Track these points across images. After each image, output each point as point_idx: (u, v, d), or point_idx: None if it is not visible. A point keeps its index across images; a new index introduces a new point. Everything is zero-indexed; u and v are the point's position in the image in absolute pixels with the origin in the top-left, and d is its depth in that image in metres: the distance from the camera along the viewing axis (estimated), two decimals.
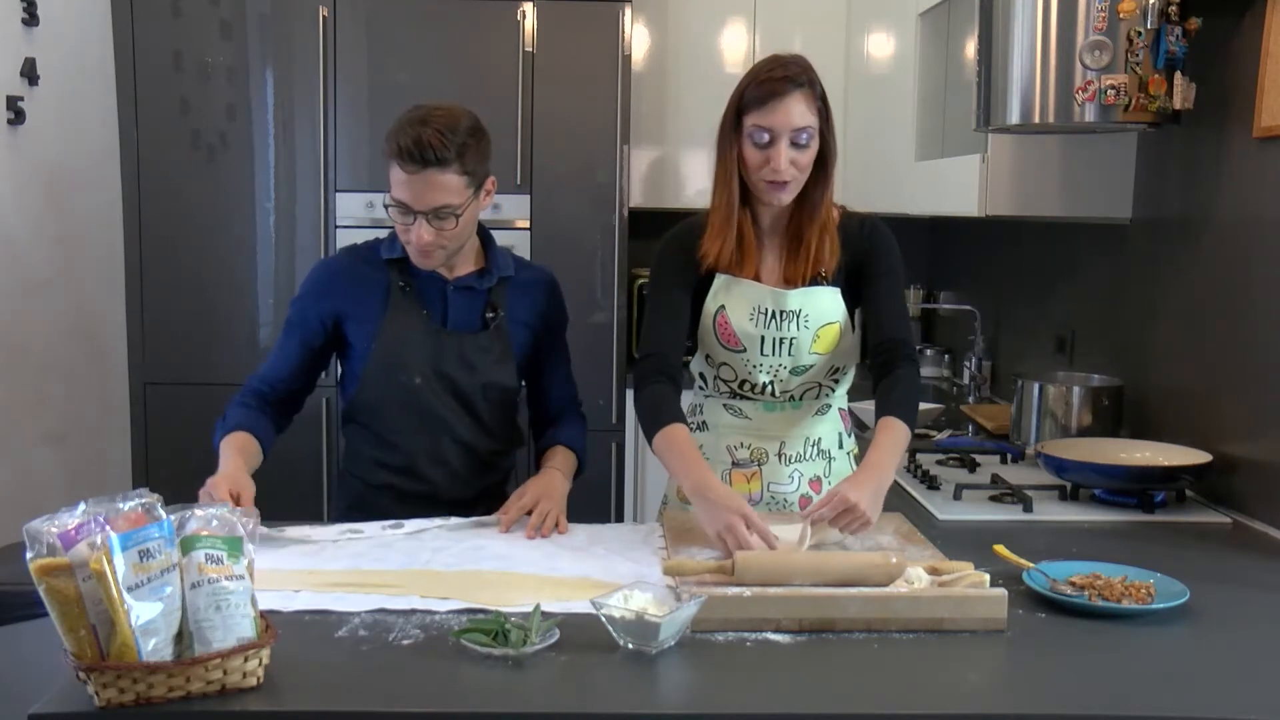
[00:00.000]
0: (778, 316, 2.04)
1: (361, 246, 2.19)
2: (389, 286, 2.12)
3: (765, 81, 1.93)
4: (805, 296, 2.04)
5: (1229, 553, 2.02)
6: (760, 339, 2.05)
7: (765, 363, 2.06)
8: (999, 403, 3.40)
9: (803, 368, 2.06)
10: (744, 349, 2.06)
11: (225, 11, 3.62)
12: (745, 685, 1.42)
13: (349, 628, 1.55)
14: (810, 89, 1.94)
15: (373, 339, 2.10)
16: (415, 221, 1.99)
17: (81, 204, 3.61)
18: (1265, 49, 2.16)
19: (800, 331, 2.04)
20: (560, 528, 2.02)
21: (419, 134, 1.94)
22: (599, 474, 3.72)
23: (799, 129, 1.93)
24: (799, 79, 1.94)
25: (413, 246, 2.03)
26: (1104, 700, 1.39)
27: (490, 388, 2.15)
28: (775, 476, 2.11)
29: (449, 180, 1.97)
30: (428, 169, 1.95)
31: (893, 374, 2.01)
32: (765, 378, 2.07)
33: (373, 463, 2.17)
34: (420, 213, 1.98)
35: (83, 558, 1.28)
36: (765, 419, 2.11)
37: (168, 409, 3.73)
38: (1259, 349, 2.21)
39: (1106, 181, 2.69)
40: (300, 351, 2.15)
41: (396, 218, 2.02)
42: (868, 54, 3.83)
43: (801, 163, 1.95)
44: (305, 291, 2.18)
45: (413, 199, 1.98)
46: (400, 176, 1.97)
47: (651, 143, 4.05)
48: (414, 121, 1.96)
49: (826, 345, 2.06)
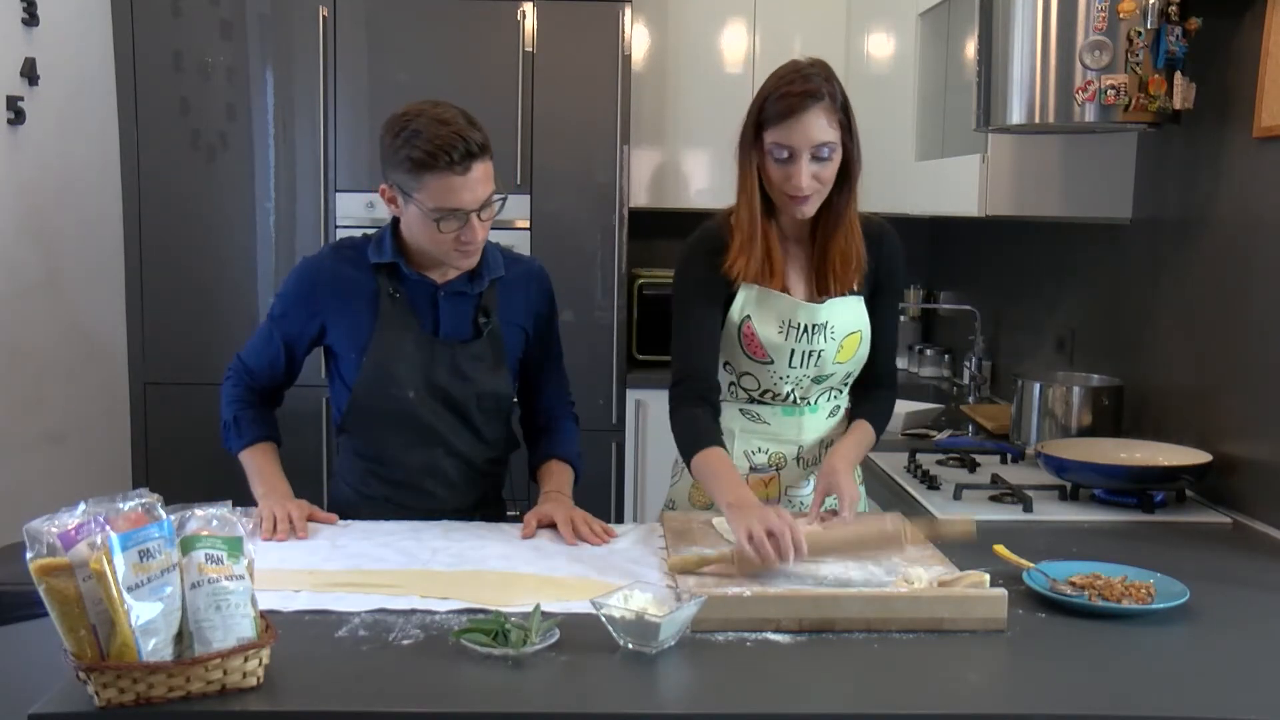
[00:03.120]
0: (809, 330, 2.01)
1: (347, 246, 2.11)
2: (377, 293, 2.06)
3: (784, 96, 1.89)
4: (832, 308, 2.03)
5: (1229, 553, 2.02)
6: (790, 352, 2.02)
7: (792, 374, 2.04)
8: (999, 403, 3.40)
9: (825, 377, 2.06)
10: (771, 360, 2.03)
11: (225, 11, 3.62)
12: (745, 685, 1.42)
13: (349, 628, 1.55)
14: (831, 101, 1.90)
15: (361, 350, 2.06)
16: (467, 224, 1.95)
17: (81, 204, 3.61)
18: (1265, 49, 2.16)
19: (828, 344, 2.03)
20: (610, 531, 2.00)
21: (448, 135, 1.88)
22: (599, 474, 3.72)
23: (820, 144, 1.89)
24: (819, 93, 1.88)
25: (464, 250, 1.97)
26: (1104, 700, 1.39)
27: (485, 397, 2.12)
28: (793, 480, 2.10)
29: (489, 168, 1.95)
30: (473, 163, 1.91)
31: (871, 393, 2.15)
32: (789, 388, 2.06)
33: (368, 475, 2.15)
34: (473, 212, 1.94)
35: (83, 558, 1.28)
36: (783, 424, 2.09)
37: (168, 409, 3.73)
38: (1259, 349, 2.21)
39: (1106, 181, 2.69)
40: (284, 351, 2.13)
41: (445, 230, 1.93)
42: (868, 54, 3.83)
43: (824, 176, 1.92)
44: (289, 293, 2.11)
45: (469, 200, 1.92)
46: (448, 184, 1.90)
47: (651, 143, 4.05)
48: (429, 128, 1.89)
49: (849, 354, 2.06)
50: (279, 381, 2.18)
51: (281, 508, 1.98)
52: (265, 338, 2.14)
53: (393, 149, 1.93)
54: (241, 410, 2.14)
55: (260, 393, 2.17)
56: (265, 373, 2.15)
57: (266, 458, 2.12)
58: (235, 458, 2.13)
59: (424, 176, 1.90)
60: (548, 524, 2.02)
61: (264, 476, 2.08)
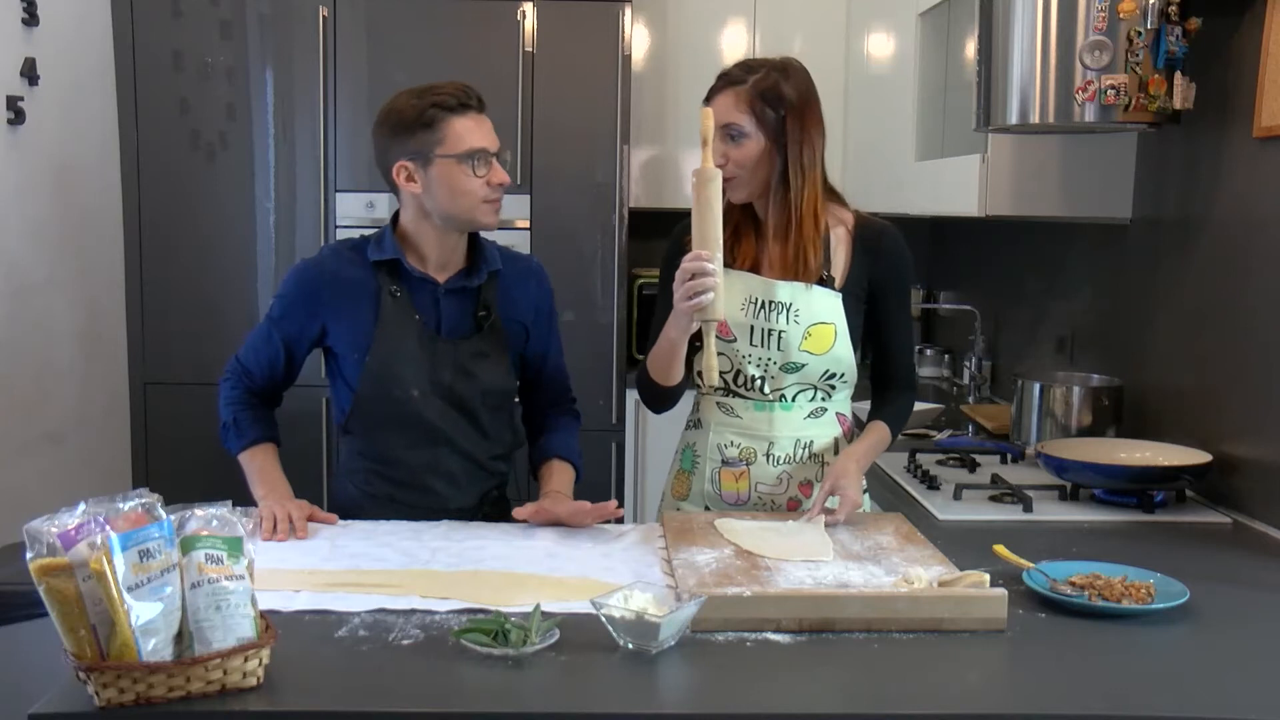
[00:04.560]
0: (766, 307, 2.05)
1: (346, 247, 2.12)
2: (378, 293, 2.06)
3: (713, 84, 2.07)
4: (797, 291, 2.05)
5: (1229, 553, 2.02)
6: (750, 328, 2.06)
7: (754, 354, 2.07)
8: (999, 403, 3.40)
9: (794, 365, 2.06)
10: (734, 338, 2.07)
11: (225, 11, 3.62)
12: (745, 685, 1.42)
13: (349, 628, 1.55)
14: (751, 89, 2.02)
15: (364, 350, 2.06)
16: (492, 167, 2.04)
17: (81, 204, 3.61)
18: (1265, 49, 2.16)
19: (790, 326, 2.05)
20: (618, 511, 2.03)
21: (457, 84, 2.03)
22: (599, 474, 3.72)
23: (725, 124, 2.02)
24: (732, 77, 2.05)
25: (494, 195, 2.05)
26: (1104, 700, 1.39)
27: (489, 394, 2.13)
28: (763, 477, 2.11)
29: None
30: (483, 112, 2.05)
31: (888, 394, 2.18)
32: (755, 370, 2.07)
33: (372, 474, 2.14)
34: (495, 154, 2.04)
35: (83, 558, 1.28)
36: (755, 418, 2.11)
37: (168, 409, 3.73)
38: (1259, 349, 2.21)
39: (1106, 181, 2.69)
40: (284, 352, 2.13)
41: (475, 173, 2.02)
42: (868, 54, 3.83)
43: (733, 156, 2.02)
44: (288, 294, 2.12)
45: (490, 142, 2.03)
46: (473, 122, 2.02)
47: (651, 143, 4.05)
48: (435, 85, 2.03)
49: (819, 346, 2.06)
50: (278, 383, 2.17)
51: (282, 508, 1.98)
52: (264, 339, 2.14)
53: (402, 120, 2.02)
54: (240, 411, 2.14)
55: (259, 394, 2.17)
56: (264, 374, 2.15)
57: (266, 458, 2.12)
58: (235, 458, 2.14)
59: (449, 122, 2.01)
60: (547, 522, 2.02)
61: (264, 477, 2.09)
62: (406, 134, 2.00)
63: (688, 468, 2.18)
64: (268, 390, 2.18)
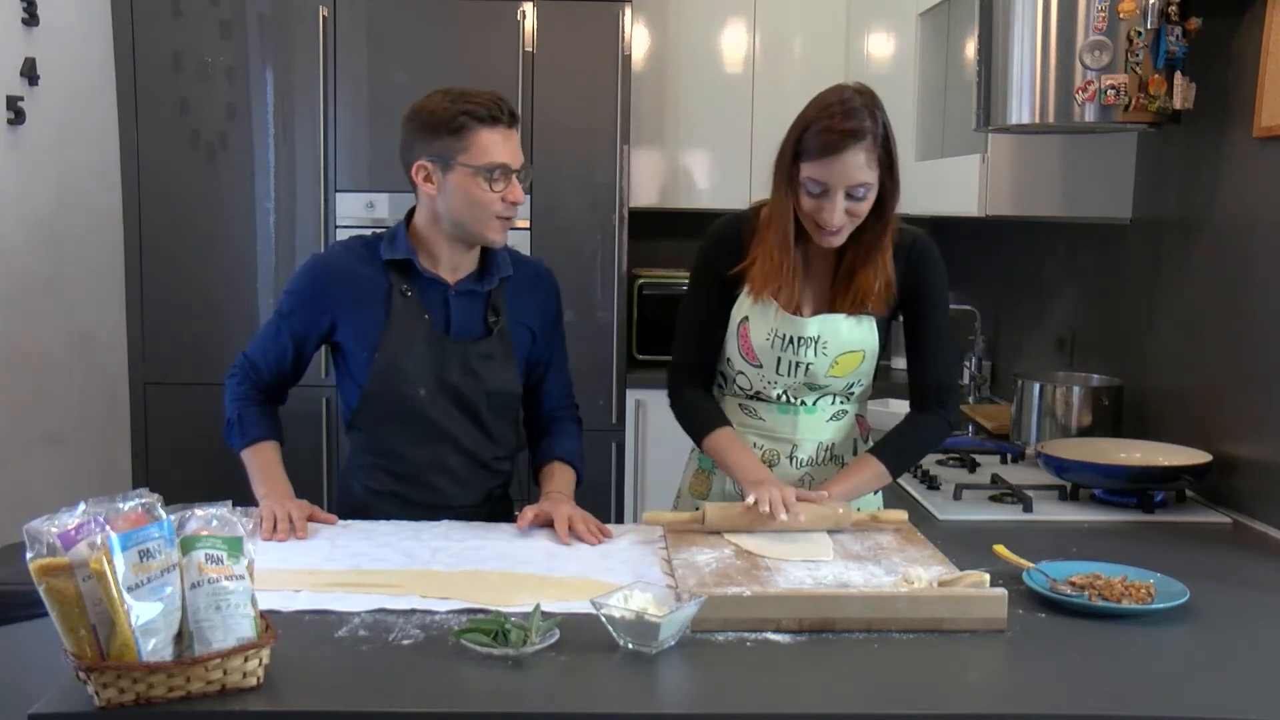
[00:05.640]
0: (794, 343, 2.01)
1: (358, 244, 2.12)
2: (389, 291, 2.07)
3: (825, 132, 1.85)
4: (825, 324, 2.00)
5: (1229, 553, 2.02)
6: (777, 360, 2.03)
7: (780, 381, 2.05)
8: (999, 403, 3.40)
9: (819, 386, 2.06)
10: (760, 364, 2.05)
11: (225, 11, 3.62)
12: (745, 685, 1.42)
13: (349, 628, 1.55)
14: (872, 140, 1.86)
15: (373, 348, 2.07)
16: (511, 183, 2.02)
17: (81, 204, 3.61)
18: (1265, 49, 2.16)
19: (817, 358, 2.02)
20: (606, 531, 2.00)
21: (492, 95, 2.00)
22: (599, 474, 3.71)
23: (856, 185, 1.87)
24: (860, 132, 1.84)
25: (508, 212, 2.04)
26: (1104, 700, 1.39)
27: (494, 395, 2.13)
28: (786, 478, 2.10)
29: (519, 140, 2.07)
30: (513, 127, 2.03)
31: (914, 416, 2.08)
32: (778, 391, 2.07)
33: (376, 470, 2.15)
34: (516, 171, 2.03)
35: (83, 558, 1.28)
36: (779, 421, 2.09)
37: (168, 409, 3.73)
38: (1259, 349, 2.21)
39: (1106, 181, 2.69)
40: (292, 347, 2.13)
41: (495, 188, 2.01)
42: (868, 54, 3.83)
43: (857, 212, 1.90)
44: (299, 289, 2.12)
45: (513, 159, 2.02)
46: (499, 137, 2.00)
47: (651, 143, 4.05)
48: (470, 92, 2.00)
49: (846, 370, 2.04)
50: (285, 378, 2.18)
51: (282, 507, 1.98)
52: (273, 334, 2.14)
53: (431, 120, 2.00)
54: (245, 408, 2.14)
55: (265, 390, 2.17)
56: (272, 369, 2.15)
57: (268, 457, 2.12)
58: (236, 456, 2.14)
59: (475, 131, 1.99)
60: (546, 522, 2.02)
61: (265, 476, 2.09)
62: (432, 135, 2.00)
63: (707, 468, 2.16)
64: (275, 386, 2.18)
